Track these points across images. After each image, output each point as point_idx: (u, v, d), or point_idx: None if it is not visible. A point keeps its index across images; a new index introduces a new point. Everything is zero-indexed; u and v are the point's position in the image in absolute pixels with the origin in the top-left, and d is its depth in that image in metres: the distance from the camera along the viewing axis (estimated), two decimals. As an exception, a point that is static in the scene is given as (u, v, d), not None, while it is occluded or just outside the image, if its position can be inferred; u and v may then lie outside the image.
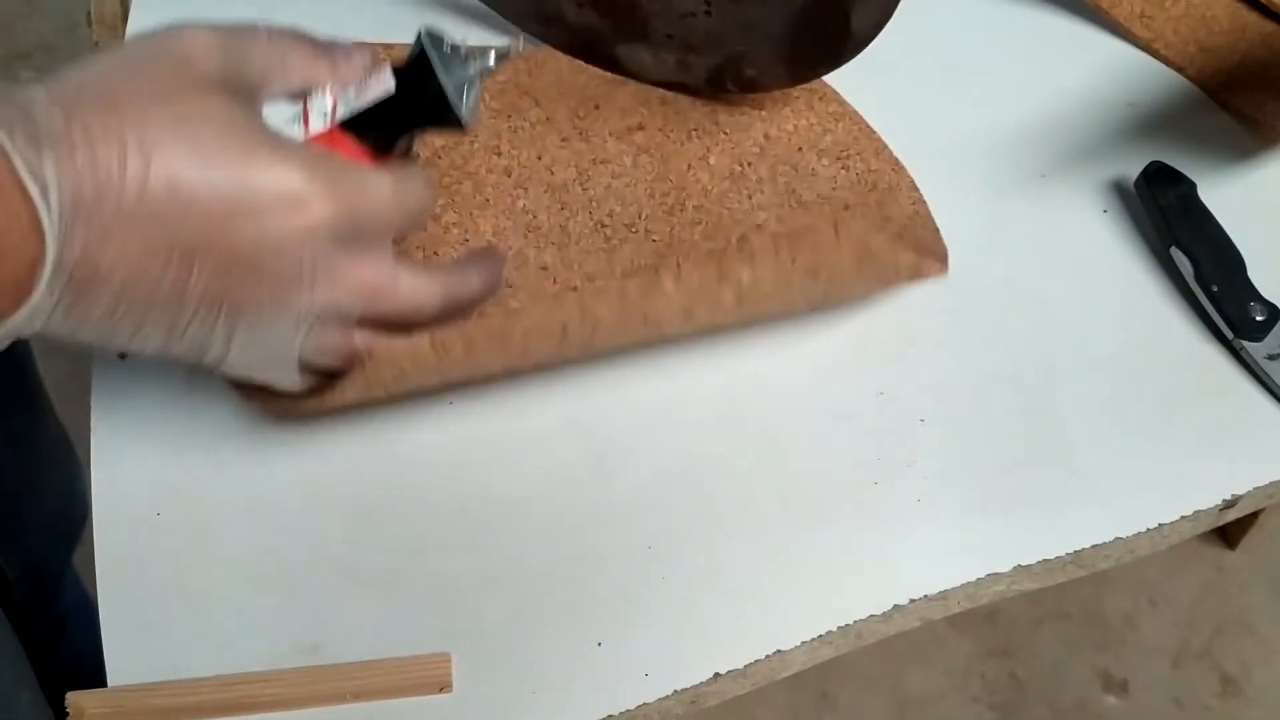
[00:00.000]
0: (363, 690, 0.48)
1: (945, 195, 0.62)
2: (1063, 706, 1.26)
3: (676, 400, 0.56)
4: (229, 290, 0.40)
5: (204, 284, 0.40)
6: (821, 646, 0.50)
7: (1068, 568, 0.53)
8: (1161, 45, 0.68)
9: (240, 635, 0.49)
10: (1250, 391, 0.57)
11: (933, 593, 0.51)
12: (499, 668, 0.49)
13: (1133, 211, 0.63)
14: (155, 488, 0.53)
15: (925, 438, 0.55)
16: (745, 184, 0.61)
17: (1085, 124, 0.66)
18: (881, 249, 0.53)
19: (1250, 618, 1.32)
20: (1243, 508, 0.56)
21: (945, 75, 0.68)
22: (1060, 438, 0.56)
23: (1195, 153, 0.64)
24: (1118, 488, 0.54)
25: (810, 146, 0.63)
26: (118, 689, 0.47)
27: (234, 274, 0.40)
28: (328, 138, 0.45)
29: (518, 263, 0.56)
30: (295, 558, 0.51)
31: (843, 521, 0.53)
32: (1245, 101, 0.66)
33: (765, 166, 0.61)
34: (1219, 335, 0.59)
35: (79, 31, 1.69)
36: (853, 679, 1.26)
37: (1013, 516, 0.53)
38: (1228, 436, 0.56)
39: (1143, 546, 0.54)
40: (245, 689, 0.47)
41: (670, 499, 0.53)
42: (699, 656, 0.49)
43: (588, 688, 0.49)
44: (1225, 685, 1.27)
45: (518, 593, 0.51)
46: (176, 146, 0.38)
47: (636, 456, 0.54)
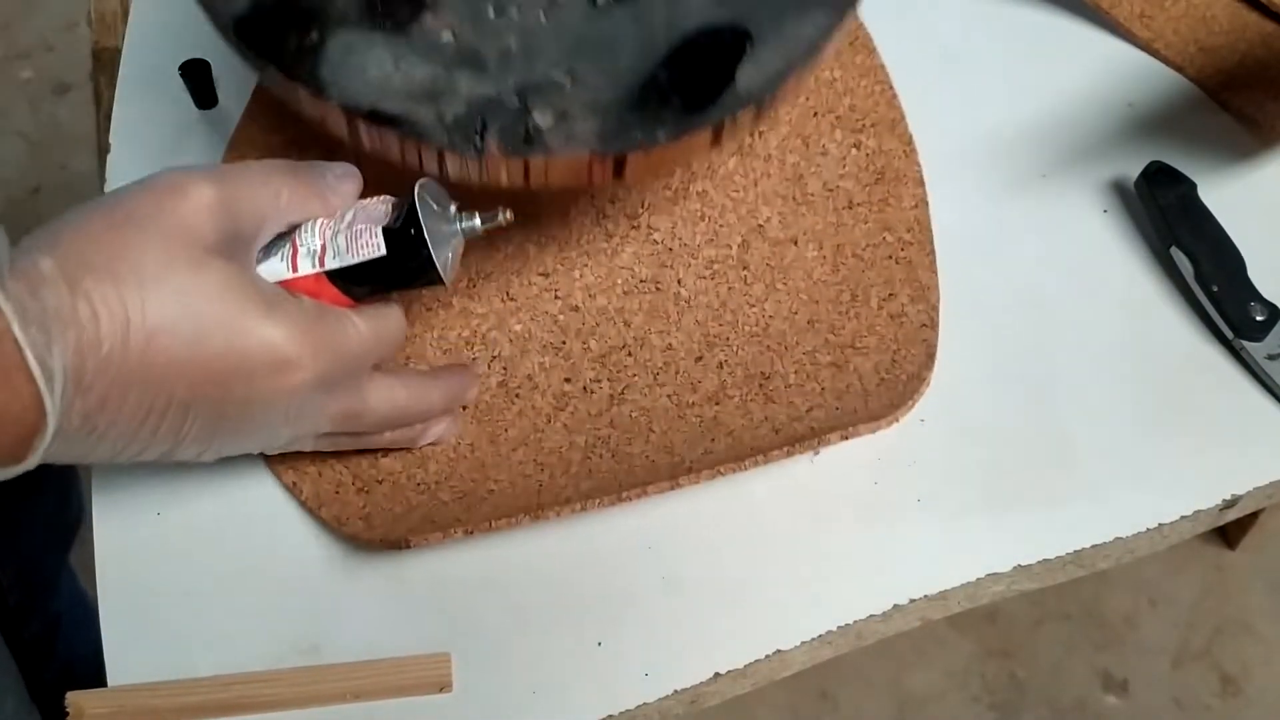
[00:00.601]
0: (362, 690, 0.48)
1: (946, 194, 0.62)
2: (1063, 706, 1.26)
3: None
4: (219, 432, 0.44)
5: (196, 430, 0.43)
6: (821, 646, 0.50)
7: (1068, 568, 0.53)
8: (1161, 45, 0.68)
9: (240, 635, 0.49)
10: (1250, 391, 0.57)
11: (933, 593, 0.51)
12: (499, 668, 0.49)
13: (1133, 211, 0.63)
14: (155, 488, 0.53)
15: (925, 438, 0.55)
16: (753, 161, 0.56)
17: (1085, 124, 0.66)
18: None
19: (1250, 618, 1.32)
20: (1243, 508, 0.56)
21: (945, 75, 0.68)
22: (1060, 438, 0.56)
23: (1195, 153, 0.64)
24: (1118, 488, 0.54)
25: (827, 111, 0.58)
26: (118, 689, 0.47)
27: (224, 422, 0.44)
28: (314, 282, 0.45)
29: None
30: (295, 558, 0.51)
31: (843, 521, 0.53)
32: (1245, 101, 0.66)
33: (776, 139, 0.57)
34: (1219, 335, 0.59)
35: (79, 31, 1.69)
36: (853, 679, 1.26)
37: (1013, 516, 0.53)
38: (1228, 436, 0.56)
39: (1143, 546, 0.54)
40: (245, 689, 0.47)
41: (671, 499, 0.53)
42: (699, 656, 0.49)
43: (588, 688, 0.49)
44: (1225, 685, 1.27)
45: (518, 593, 0.51)
46: (176, 320, 0.40)
47: (636, 456, 0.54)
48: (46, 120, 1.65)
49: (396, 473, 0.52)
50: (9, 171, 1.59)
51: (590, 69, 0.44)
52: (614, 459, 0.52)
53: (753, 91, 0.45)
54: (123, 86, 0.65)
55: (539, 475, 0.52)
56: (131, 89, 0.65)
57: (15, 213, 1.53)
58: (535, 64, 0.44)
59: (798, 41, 0.45)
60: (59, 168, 1.59)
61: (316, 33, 0.44)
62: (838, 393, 0.54)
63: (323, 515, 0.51)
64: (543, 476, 0.51)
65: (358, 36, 0.44)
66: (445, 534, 0.48)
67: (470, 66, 0.44)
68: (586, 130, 0.43)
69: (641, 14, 0.45)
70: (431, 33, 0.44)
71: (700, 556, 0.52)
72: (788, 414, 0.53)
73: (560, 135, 0.43)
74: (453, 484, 0.52)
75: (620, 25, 0.45)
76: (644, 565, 0.51)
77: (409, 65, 0.44)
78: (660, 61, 0.44)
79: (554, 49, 0.44)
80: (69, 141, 1.61)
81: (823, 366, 0.55)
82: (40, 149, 1.62)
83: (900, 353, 0.55)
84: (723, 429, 0.53)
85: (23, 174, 1.59)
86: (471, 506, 0.50)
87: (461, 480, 0.52)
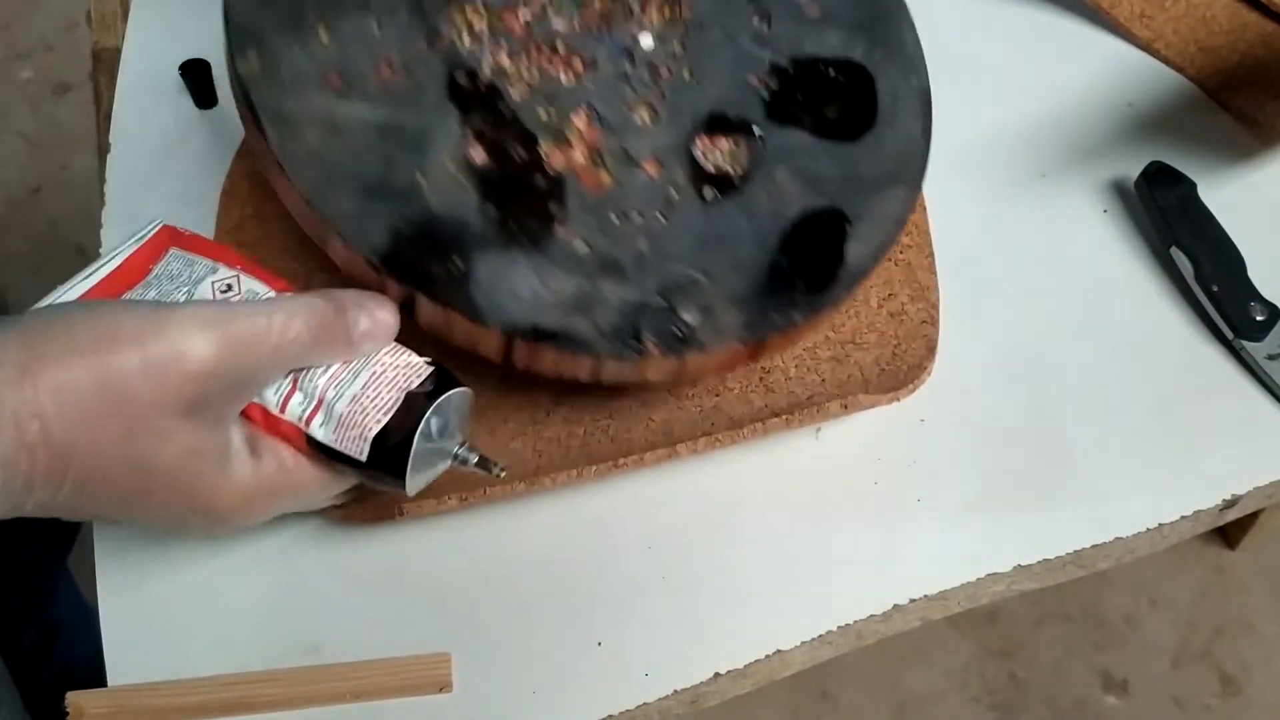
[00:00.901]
0: (363, 690, 0.48)
1: (945, 195, 0.62)
2: (1063, 706, 1.25)
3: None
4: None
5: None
6: (821, 646, 0.50)
7: (1068, 568, 0.53)
8: (1161, 45, 0.68)
9: (240, 635, 0.49)
10: (1250, 391, 0.57)
11: (933, 593, 0.51)
12: (499, 668, 0.49)
13: (1133, 211, 0.63)
14: (155, 488, 0.53)
15: (925, 438, 0.55)
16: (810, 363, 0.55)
17: (1085, 124, 0.66)
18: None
19: (1250, 618, 1.32)
20: (1243, 508, 0.56)
21: (945, 75, 0.68)
22: (1060, 438, 0.56)
23: (1195, 153, 0.64)
24: (1118, 488, 0.54)
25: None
26: (118, 689, 0.47)
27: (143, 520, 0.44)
28: (293, 430, 0.44)
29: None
30: (297, 557, 0.51)
31: (843, 521, 0.53)
32: (1245, 101, 0.66)
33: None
34: (1219, 335, 0.59)
35: (79, 31, 1.69)
36: (853, 679, 1.26)
37: (1013, 516, 0.53)
38: (1228, 436, 0.56)
39: (1143, 546, 0.54)
40: (245, 689, 0.47)
41: (671, 499, 0.53)
42: (699, 656, 0.49)
43: (588, 688, 0.49)
44: (1225, 685, 1.27)
45: (518, 593, 0.51)
46: (117, 480, 0.40)
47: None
48: (46, 120, 1.65)
49: None
50: (9, 172, 1.59)
51: (718, 263, 0.47)
52: (613, 443, 0.51)
53: (863, 266, 0.49)
54: (123, 86, 0.65)
55: (536, 460, 0.51)
56: (131, 89, 0.65)
57: (15, 213, 1.53)
58: (669, 264, 0.47)
59: (885, 218, 0.50)
60: (59, 168, 1.59)
61: (460, 258, 0.44)
62: (838, 383, 0.53)
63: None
64: (540, 461, 0.51)
65: (499, 257, 0.45)
66: (439, 502, 0.47)
67: (611, 273, 0.46)
68: (731, 322, 0.46)
69: (748, 205, 0.49)
70: (567, 245, 0.46)
71: (700, 556, 0.52)
72: (788, 402, 0.53)
73: (709, 329, 0.46)
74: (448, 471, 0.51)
75: (732, 218, 0.48)
76: (644, 565, 0.51)
77: (555, 280, 0.45)
78: (777, 249, 0.48)
79: (681, 247, 0.47)
80: (69, 141, 1.61)
81: (823, 361, 0.54)
82: (40, 149, 1.62)
83: (901, 346, 0.55)
84: (723, 416, 0.53)
85: (23, 174, 1.59)
86: (465, 490, 0.50)
87: (488, 456, 0.51)
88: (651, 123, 0.50)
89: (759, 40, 0.52)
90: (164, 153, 0.63)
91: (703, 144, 0.50)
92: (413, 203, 0.45)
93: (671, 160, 0.49)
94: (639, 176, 0.49)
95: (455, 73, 0.48)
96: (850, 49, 0.53)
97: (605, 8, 0.51)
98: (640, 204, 0.48)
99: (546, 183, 0.47)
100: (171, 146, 0.63)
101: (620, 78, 0.50)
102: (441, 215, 0.45)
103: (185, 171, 0.62)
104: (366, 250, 0.44)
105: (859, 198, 0.50)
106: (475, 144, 0.47)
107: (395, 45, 0.47)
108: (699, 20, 0.52)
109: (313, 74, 0.46)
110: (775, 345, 0.48)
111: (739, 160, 0.50)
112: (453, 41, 0.48)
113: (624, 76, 0.50)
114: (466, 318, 0.44)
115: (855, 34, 0.54)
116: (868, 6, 0.55)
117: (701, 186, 0.49)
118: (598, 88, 0.50)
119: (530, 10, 0.50)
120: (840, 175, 0.51)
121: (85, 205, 1.49)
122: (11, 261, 1.48)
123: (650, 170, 0.49)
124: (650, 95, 0.50)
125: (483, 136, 0.47)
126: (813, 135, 0.51)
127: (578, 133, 0.49)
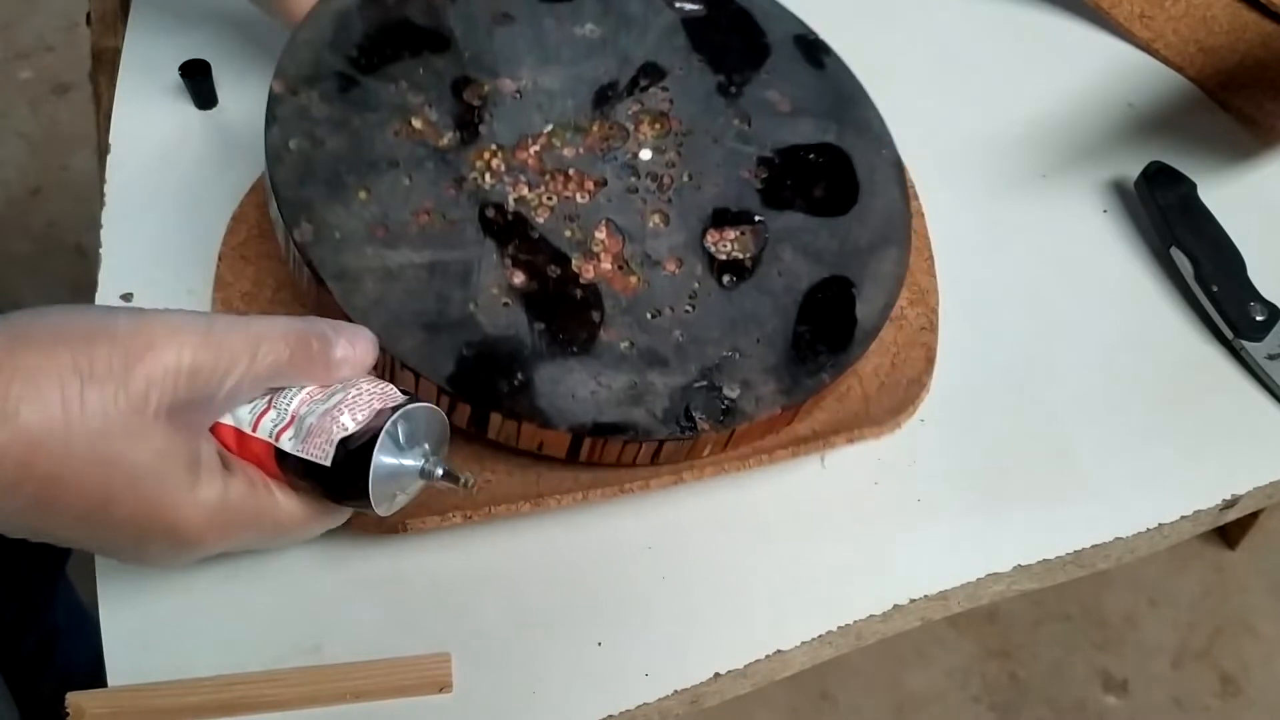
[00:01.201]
0: (363, 690, 0.48)
1: (946, 195, 0.62)
2: (1063, 706, 1.26)
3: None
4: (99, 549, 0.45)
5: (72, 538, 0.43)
6: (821, 646, 0.50)
7: (1068, 568, 0.53)
8: (1161, 45, 0.68)
9: (240, 635, 0.49)
10: (1250, 391, 0.57)
11: (933, 593, 0.51)
12: (499, 668, 0.49)
13: (1133, 211, 0.63)
14: (155, 488, 0.53)
15: (925, 438, 0.55)
16: None
17: (1085, 124, 0.66)
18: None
19: (1250, 618, 1.32)
20: (1243, 508, 0.56)
21: (946, 75, 0.68)
22: (1060, 438, 0.56)
23: (1195, 153, 0.64)
24: (1118, 488, 0.54)
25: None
26: (118, 689, 0.47)
27: (105, 549, 0.44)
28: (264, 448, 0.44)
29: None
30: (296, 557, 0.51)
31: (843, 521, 0.53)
32: (1245, 101, 0.66)
33: None
34: (1219, 335, 0.59)
35: (79, 31, 1.69)
36: (853, 679, 1.26)
37: (1013, 516, 0.53)
38: (1228, 436, 0.56)
39: (1143, 546, 0.54)
40: (245, 689, 0.47)
41: (671, 498, 0.53)
42: (699, 656, 0.49)
43: (588, 688, 0.49)
44: (1225, 685, 1.27)
45: (518, 593, 0.51)
46: (74, 492, 0.40)
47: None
48: (46, 120, 1.65)
49: None
50: (9, 172, 1.59)
51: (747, 340, 0.52)
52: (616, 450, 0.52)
53: (874, 323, 0.54)
54: (123, 86, 0.65)
55: (537, 465, 0.52)
56: (131, 89, 0.65)
57: (15, 213, 1.53)
58: (704, 348, 0.52)
59: (885, 277, 0.55)
60: (59, 168, 1.59)
61: (520, 372, 0.49)
62: (839, 396, 0.55)
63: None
64: (541, 466, 0.52)
65: (555, 366, 0.50)
66: (443, 519, 0.48)
67: (655, 364, 0.51)
68: (769, 391, 0.51)
69: (764, 284, 0.54)
70: (612, 345, 0.51)
71: (700, 556, 0.52)
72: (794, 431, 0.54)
73: (750, 401, 0.51)
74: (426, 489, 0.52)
75: (752, 298, 0.53)
76: (644, 565, 0.51)
77: (607, 378, 0.50)
78: (796, 319, 0.53)
79: (712, 331, 0.52)
80: (69, 142, 1.61)
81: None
82: (40, 149, 1.62)
83: (900, 355, 0.56)
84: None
85: (23, 174, 1.59)
86: (468, 495, 0.50)
87: (458, 469, 0.52)
88: (665, 225, 0.55)
89: (743, 138, 0.58)
90: (164, 153, 0.63)
91: (713, 237, 0.55)
92: (470, 330, 0.50)
93: (689, 255, 0.54)
94: (663, 275, 0.53)
95: (485, 209, 0.53)
96: (824, 134, 0.59)
97: (604, 131, 0.56)
98: (669, 299, 0.53)
99: (583, 293, 0.52)
100: (171, 147, 0.63)
101: (630, 190, 0.55)
102: (497, 337, 0.50)
103: (185, 172, 0.62)
104: (437, 379, 0.48)
105: (858, 263, 0.55)
106: (514, 269, 0.52)
107: (428, 193, 0.52)
108: (687, 129, 0.57)
109: (361, 230, 0.51)
110: (809, 405, 0.53)
111: (747, 246, 0.55)
112: (477, 182, 0.53)
113: (633, 189, 0.55)
114: (536, 425, 0.48)
115: (826, 120, 0.59)
116: (831, 95, 0.60)
117: (720, 275, 0.54)
118: (612, 202, 0.54)
119: (538, 144, 0.55)
120: (838, 246, 0.55)
121: (85, 205, 1.49)
122: (11, 262, 1.48)
123: (672, 267, 0.53)
124: (659, 202, 0.55)
125: (519, 261, 0.52)
126: (807, 214, 0.56)
127: (602, 245, 0.53)
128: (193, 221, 0.60)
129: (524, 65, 0.57)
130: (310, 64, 0.54)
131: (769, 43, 0.61)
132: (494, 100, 0.56)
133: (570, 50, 0.57)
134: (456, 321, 0.50)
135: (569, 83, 0.57)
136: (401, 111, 0.54)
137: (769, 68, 0.60)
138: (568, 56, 0.57)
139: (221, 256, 0.58)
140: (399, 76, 0.55)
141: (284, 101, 0.53)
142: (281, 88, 0.54)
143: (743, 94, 0.59)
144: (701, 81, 0.59)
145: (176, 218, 0.60)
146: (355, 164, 0.52)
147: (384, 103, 0.54)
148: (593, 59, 0.58)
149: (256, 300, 0.57)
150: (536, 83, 0.57)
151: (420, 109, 0.54)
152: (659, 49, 0.59)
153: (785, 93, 0.59)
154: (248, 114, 0.64)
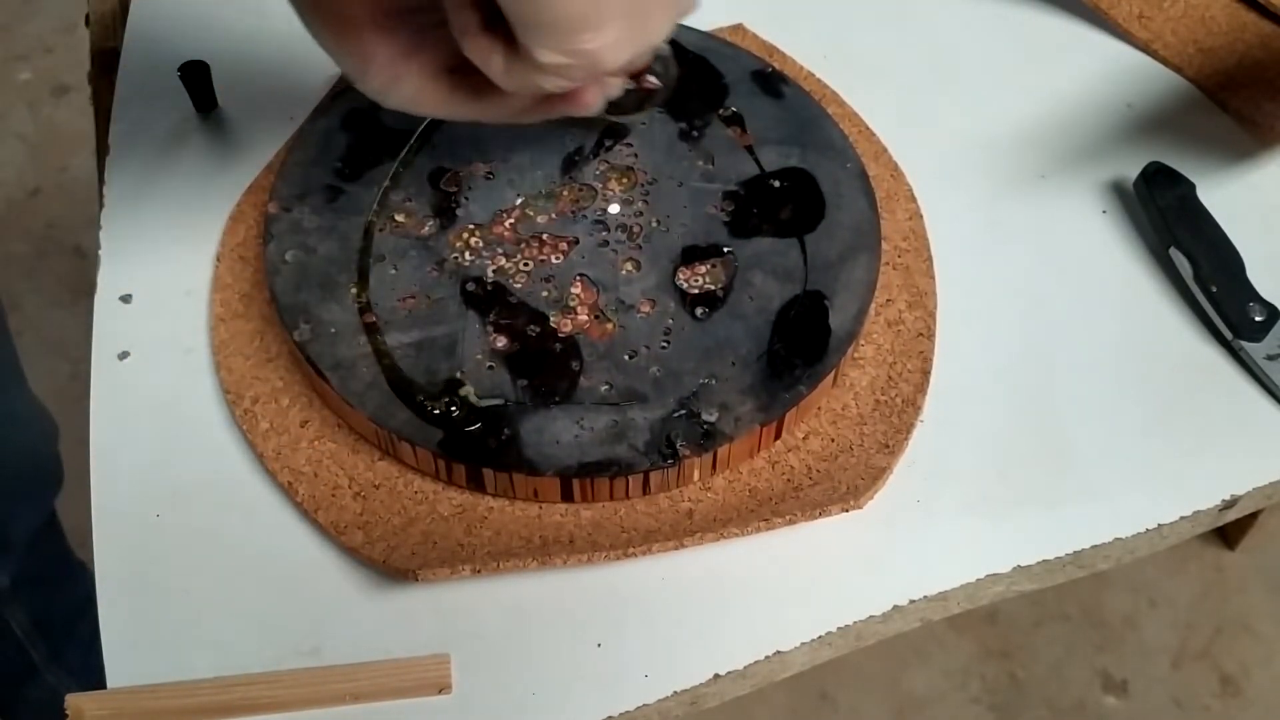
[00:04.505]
0: (362, 692, 0.48)
1: (944, 196, 0.62)
2: (1063, 707, 1.26)
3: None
4: None
5: None
6: (821, 647, 0.50)
7: (1067, 568, 0.53)
8: (1160, 46, 0.68)
9: (240, 637, 0.49)
10: (1250, 391, 0.57)
11: (932, 593, 0.51)
12: (499, 668, 0.49)
13: (1132, 212, 0.63)
14: (155, 488, 0.53)
15: (925, 438, 0.55)
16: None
17: (1084, 125, 0.66)
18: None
19: (1250, 618, 1.32)
20: (1242, 508, 0.56)
21: (944, 76, 0.68)
22: (1060, 438, 0.56)
23: (1195, 153, 0.64)
24: (1117, 488, 0.54)
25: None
26: (117, 690, 0.47)
27: None
28: None
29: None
30: (295, 558, 0.51)
31: (842, 521, 0.53)
32: (1244, 102, 0.66)
33: None
34: (1218, 335, 0.59)
35: (79, 32, 1.69)
36: (853, 679, 1.26)
37: (1012, 516, 0.53)
38: (1228, 436, 0.56)
39: (1142, 546, 0.54)
40: (245, 691, 0.47)
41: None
42: (699, 657, 0.49)
43: (587, 689, 0.49)
44: (1225, 685, 1.27)
45: (517, 593, 0.51)
46: None
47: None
48: (45, 122, 1.65)
49: (393, 477, 0.52)
50: (8, 173, 1.59)
51: (723, 366, 0.53)
52: (622, 532, 0.52)
53: (849, 330, 0.55)
54: (122, 88, 0.65)
55: (537, 500, 0.53)
56: (131, 91, 0.65)
57: (14, 214, 1.53)
58: (682, 379, 0.53)
59: (857, 284, 0.56)
60: (58, 170, 1.59)
61: (507, 428, 0.52)
62: (833, 416, 0.55)
63: (319, 520, 0.51)
64: (540, 503, 0.53)
65: (539, 416, 0.52)
66: (453, 570, 0.49)
67: (635, 401, 0.52)
68: (747, 411, 0.52)
69: (736, 311, 0.55)
70: (592, 390, 0.53)
71: (700, 556, 0.52)
72: (783, 444, 0.54)
73: (729, 422, 0.52)
74: (450, 495, 0.52)
75: (726, 326, 0.55)
76: (644, 565, 0.51)
77: (590, 420, 0.52)
78: (770, 339, 0.54)
79: (688, 363, 0.53)
80: (68, 143, 1.61)
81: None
82: (39, 151, 1.62)
83: (896, 367, 0.56)
84: (730, 509, 0.53)
85: (22, 176, 1.59)
86: (471, 527, 0.52)
87: (459, 490, 0.52)
88: (637, 271, 0.56)
89: (707, 177, 0.59)
90: (163, 155, 0.63)
91: (684, 274, 0.56)
92: (457, 396, 0.52)
93: (661, 295, 0.56)
94: (637, 317, 0.55)
95: (465, 284, 0.56)
96: (787, 159, 0.60)
97: (573, 194, 0.59)
98: (644, 339, 0.54)
99: (562, 345, 0.54)
100: (171, 149, 0.63)
101: (601, 245, 0.57)
102: (483, 399, 0.52)
103: (184, 174, 0.62)
104: (431, 447, 0.51)
105: (829, 275, 0.56)
106: (496, 334, 0.54)
107: (413, 279, 0.56)
108: (652, 178, 0.59)
109: (353, 323, 0.54)
110: (790, 419, 0.54)
111: (718, 277, 0.56)
112: (457, 261, 0.56)
113: (604, 242, 0.57)
114: (525, 474, 0.51)
115: (789, 146, 0.60)
116: (792, 122, 0.61)
117: (693, 308, 0.55)
118: (585, 258, 0.57)
119: (513, 216, 0.58)
120: (807, 262, 0.57)
121: (84, 207, 1.49)
122: (10, 262, 1.48)
123: (646, 309, 0.55)
124: (630, 250, 0.57)
125: (500, 326, 0.54)
126: (775, 237, 0.57)
127: (578, 298, 0.55)
128: (192, 222, 0.60)
129: (494, 147, 0.60)
130: (300, 182, 0.59)
131: (727, 83, 0.62)
132: (468, 184, 0.59)
133: (536, 127, 0.57)
134: (444, 390, 0.53)
135: (538, 155, 0.60)
136: (384, 209, 0.58)
137: (728, 105, 0.61)
138: (534, 133, 0.59)
139: (220, 257, 0.59)
140: (379, 179, 0.59)
141: (279, 220, 0.57)
142: (276, 208, 0.58)
143: (704, 135, 0.60)
144: (664, 131, 0.60)
145: (176, 218, 0.60)
146: (345, 264, 0.56)
147: (367, 204, 0.58)
148: (558, 130, 0.60)
149: (256, 301, 0.57)
150: (507, 160, 0.59)
151: (401, 204, 0.58)
152: None
153: (746, 127, 0.61)
154: (247, 116, 0.64)
